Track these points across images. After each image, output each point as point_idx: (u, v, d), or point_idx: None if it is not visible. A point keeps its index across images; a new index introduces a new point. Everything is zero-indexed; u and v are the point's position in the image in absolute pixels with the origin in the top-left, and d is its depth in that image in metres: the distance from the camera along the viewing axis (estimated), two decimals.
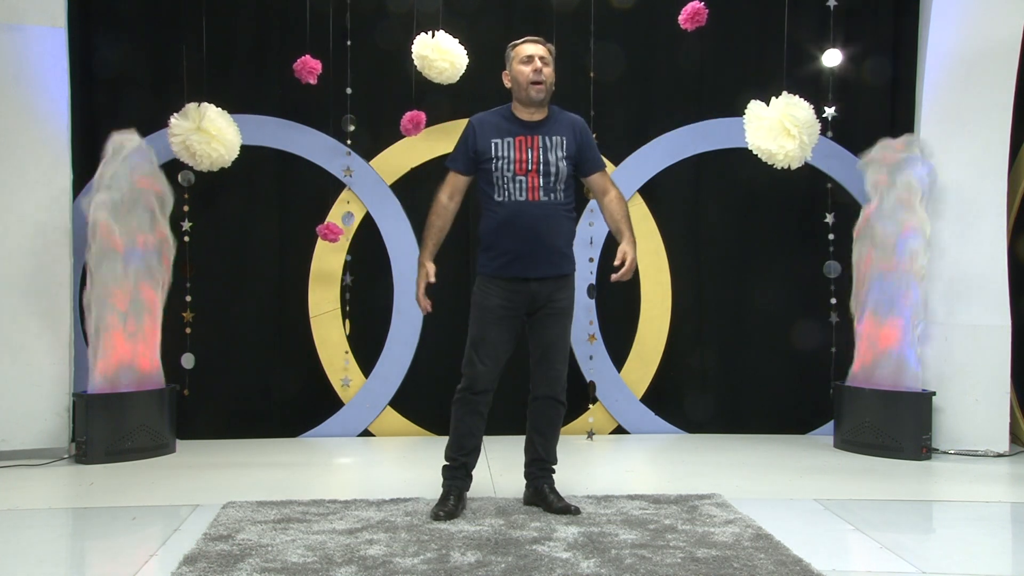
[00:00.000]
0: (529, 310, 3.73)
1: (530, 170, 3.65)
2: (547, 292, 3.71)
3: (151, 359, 5.02)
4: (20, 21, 4.86)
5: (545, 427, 3.81)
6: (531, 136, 3.68)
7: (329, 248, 5.51)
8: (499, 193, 3.65)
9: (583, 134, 3.79)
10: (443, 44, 4.96)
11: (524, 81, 3.67)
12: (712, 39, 5.60)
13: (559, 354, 3.76)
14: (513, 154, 3.65)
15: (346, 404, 5.58)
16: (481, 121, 3.75)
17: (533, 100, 3.68)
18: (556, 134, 3.71)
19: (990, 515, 3.92)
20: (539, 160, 3.65)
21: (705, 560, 3.12)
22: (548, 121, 3.74)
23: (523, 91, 3.68)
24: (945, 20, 5.17)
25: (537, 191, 3.65)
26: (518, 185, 3.64)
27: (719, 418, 5.78)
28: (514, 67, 3.72)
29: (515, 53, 3.74)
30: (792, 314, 5.73)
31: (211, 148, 5.07)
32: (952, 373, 5.11)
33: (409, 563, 3.08)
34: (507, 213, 3.65)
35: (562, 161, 3.68)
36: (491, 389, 3.73)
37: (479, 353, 3.68)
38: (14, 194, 4.88)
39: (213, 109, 5.14)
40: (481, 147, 3.69)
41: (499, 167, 3.65)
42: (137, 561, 3.19)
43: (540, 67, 3.67)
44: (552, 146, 3.68)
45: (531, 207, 3.64)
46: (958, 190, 5.15)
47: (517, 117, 3.73)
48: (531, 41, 3.75)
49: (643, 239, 5.70)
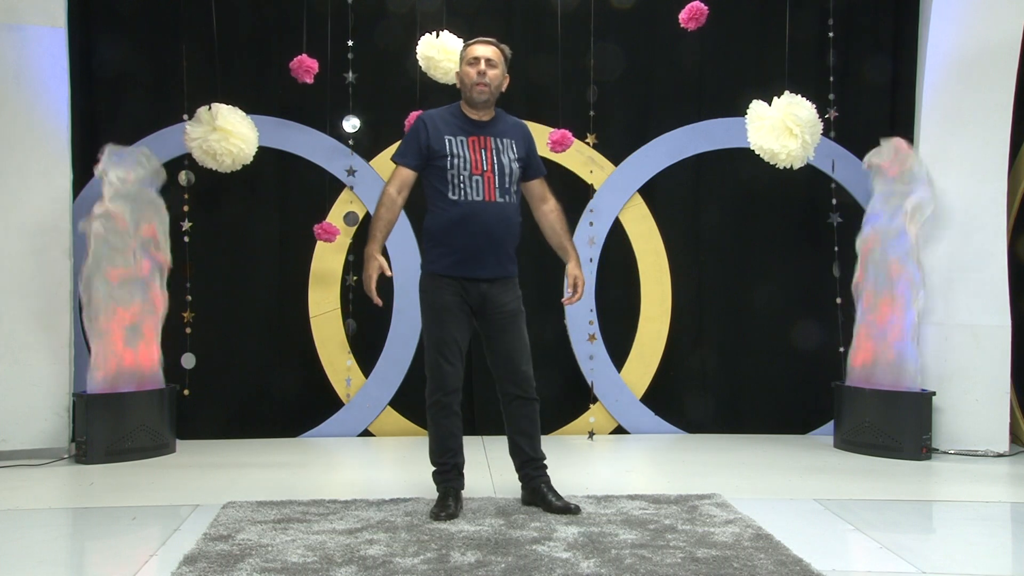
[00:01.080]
0: (476, 310, 3.75)
1: (486, 170, 3.69)
2: (495, 294, 3.74)
3: (151, 359, 5.01)
4: (20, 21, 4.86)
5: (527, 427, 3.82)
6: (483, 137, 3.73)
7: (329, 248, 5.52)
8: (454, 191, 3.67)
9: (528, 139, 3.86)
10: (448, 44, 4.96)
11: (469, 82, 3.73)
12: (712, 39, 5.60)
13: (522, 355, 3.79)
14: (468, 153, 3.69)
15: (346, 404, 5.58)
16: (432, 117, 3.78)
17: (475, 101, 3.73)
18: (506, 136, 3.77)
19: (990, 515, 3.92)
20: (493, 161, 3.70)
21: (705, 560, 3.12)
22: (496, 123, 3.80)
23: (468, 91, 3.74)
24: (945, 20, 5.17)
25: (493, 191, 3.68)
26: (475, 185, 3.67)
27: (719, 418, 5.78)
28: (462, 67, 3.79)
29: (465, 53, 3.81)
30: (792, 314, 5.73)
31: (231, 144, 5.05)
32: (952, 373, 5.11)
33: (409, 563, 3.08)
34: (462, 212, 3.67)
35: (514, 163, 3.74)
36: (460, 387, 3.76)
37: (445, 353, 3.70)
38: (14, 194, 4.88)
39: (225, 108, 5.14)
40: (435, 143, 3.71)
41: (455, 165, 3.67)
42: (137, 561, 3.19)
43: (484, 69, 3.72)
44: (504, 148, 3.74)
45: (487, 207, 3.67)
46: (958, 190, 5.15)
47: (467, 116, 3.77)
48: (481, 42, 3.80)
49: (643, 239, 5.75)
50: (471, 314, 3.77)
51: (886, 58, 5.71)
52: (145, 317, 4.97)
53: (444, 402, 3.72)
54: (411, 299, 5.51)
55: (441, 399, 3.72)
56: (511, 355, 3.77)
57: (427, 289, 3.78)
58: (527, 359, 3.81)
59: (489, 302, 3.74)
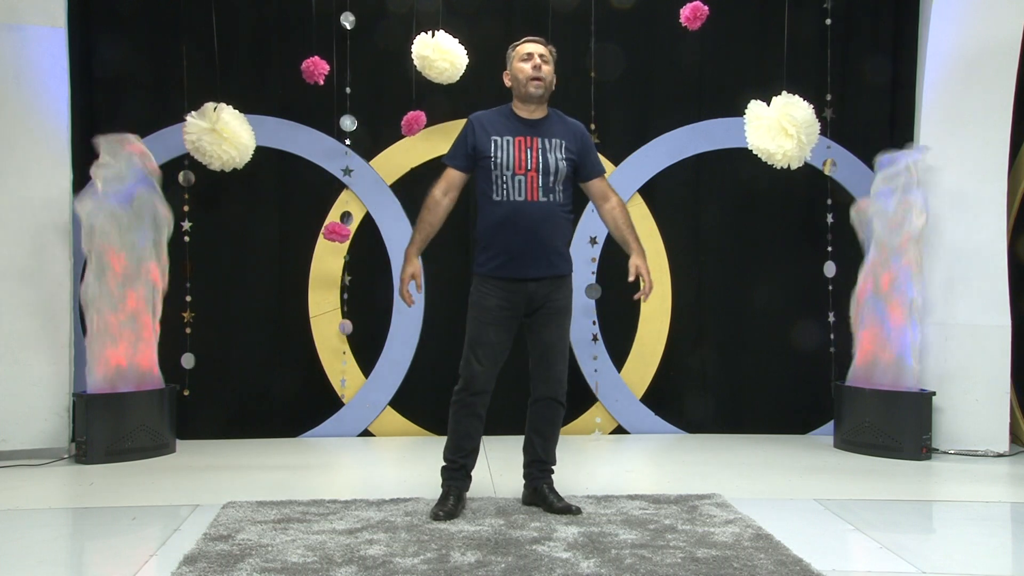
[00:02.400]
0: (527, 311, 3.73)
1: (529, 169, 3.65)
2: (544, 292, 3.70)
3: (151, 359, 5.01)
4: (20, 21, 4.86)
5: (545, 428, 3.81)
6: (531, 136, 3.69)
7: (329, 248, 5.52)
8: (497, 192, 3.65)
9: (583, 138, 3.81)
10: (443, 44, 4.96)
11: (523, 77, 3.69)
12: (712, 39, 5.60)
13: (559, 355, 3.76)
14: (512, 153, 3.66)
15: (346, 404, 5.58)
16: (480, 119, 3.75)
17: (531, 96, 3.69)
18: (556, 136, 3.72)
19: (990, 515, 3.92)
20: (539, 160, 3.66)
21: (705, 560, 3.12)
22: (548, 122, 3.75)
23: (522, 87, 3.70)
24: (945, 20, 5.17)
25: (536, 191, 3.65)
26: (517, 184, 3.64)
27: (719, 418, 5.78)
28: (514, 65, 3.75)
29: (515, 52, 3.77)
30: (792, 314, 5.73)
31: (222, 150, 5.06)
32: (952, 373, 5.11)
33: (409, 563, 3.08)
34: (505, 212, 3.64)
35: (562, 162, 3.69)
36: (489, 390, 3.72)
37: (477, 354, 3.68)
38: (14, 194, 4.88)
39: (229, 111, 5.13)
40: (480, 145, 3.69)
41: (498, 165, 3.65)
42: (137, 561, 3.19)
43: (539, 64, 3.70)
44: (552, 147, 3.69)
45: (530, 207, 3.64)
46: (958, 190, 5.15)
47: (517, 115, 3.74)
48: (531, 40, 3.79)
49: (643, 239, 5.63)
50: (518, 318, 3.73)
51: (886, 58, 5.71)
52: (145, 317, 4.96)
53: (469, 401, 3.70)
54: None
55: (466, 398, 3.70)
56: (547, 353, 3.74)
57: (474, 290, 3.75)
58: (564, 360, 3.78)
59: (536, 300, 3.70)
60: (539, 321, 3.73)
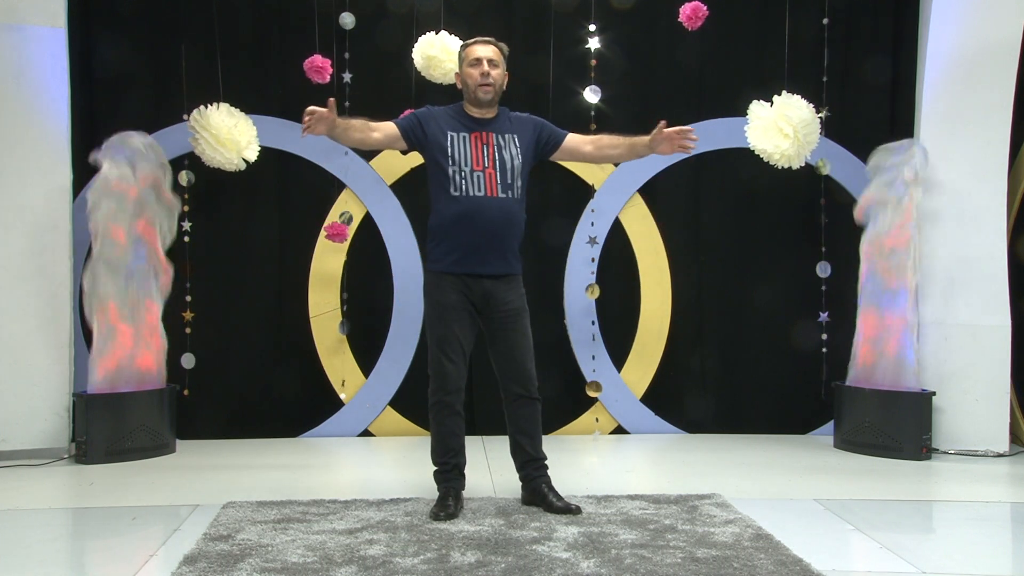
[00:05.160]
0: (480, 308, 3.75)
1: (487, 167, 3.69)
2: (499, 292, 3.73)
3: (151, 359, 5.01)
4: (20, 21, 4.86)
5: (528, 426, 3.82)
6: (485, 132, 3.74)
7: (329, 248, 5.52)
8: (455, 188, 3.68)
9: (531, 123, 3.86)
10: (450, 44, 4.96)
11: (472, 83, 3.74)
12: (712, 39, 5.60)
13: (525, 353, 3.79)
14: (470, 149, 3.70)
15: (346, 404, 5.58)
16: (434, 112, 3.80)
17: (481, 101, 3.74)
18: (509, 132, 3.77)
19: (990, 515, 3.92)
20: (495, 156, 3.70)
21: (705, 560, 3.12)
22: (499, 120, 3.80)
23: (471, 92, 3.75)
24: (945, 20, 5.17)
25: (495, 187, 3.68)
26: (476, 180, 3.67)
27: (719, 418, 5.78)
28: (464, 69, 3.80)
29: (465, 55, 3.82)
30: (792, 314, 5.73)
31: (217, 152, 5.07)
32: (952, 373, 5.11)
33: (409, 563, 3.08)
34: (464, 208, 3.67)
35: (517, 158, 3.74)
36: (463, 387, 3.76)
37: (447, 352, 3.70)
38: (14, 194, 4.88)
39: (223, 112, 5.13)
40: (432, 133, 3.71)
41: (456, 161, 3.68)
42: (137, 561, 3.19)
43: (488, 70, 3.73)
44: (505, 143, 3.74)
45: (489, 202, 3.67)
46: (958, 190, 5.15)
47: (468, 115, 3.78)
48: (481, 42, 3.82)
49: (643, 239, 5.74)
50: (475, 313, 3.76)
51: (886, 58, 5.71)
52: (145, 317, 4.96)
53: (446, 401, 3.72)
54: (411, 299, 5.55)
55: (443, 398, 3.72)
56: (514, 353, 3.77)
57: (430, 287, 3.78)
58: (530, 358, 3.80)
59: (492, 299, 3.73)
60: (501, 325, 3.76)
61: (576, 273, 5.67)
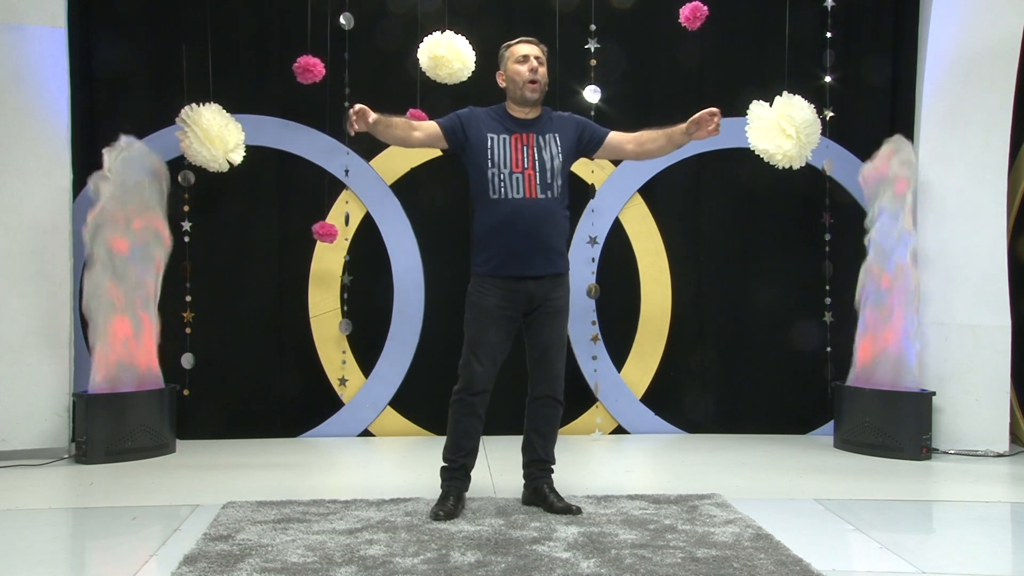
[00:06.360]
0: (526, 310, 3.73)
1: (526, 168, 3.65)
2: (544, 291, 3.71)
3: (151, 359, 5.01)
4: (20, 21, 4.86)
5: (545, 427, 3.81)
6: (526, 134, 3.70)
7: (329, 248, 5.51)
8: (495, 191, 3.65)
9: (574, 121, 3.81)
10: (457, 44, 4.95)
11: (520, 80, 3.69)
12: (712, 39, 5.60)
13: (558, 353, 3.77)
14: (509, 151, 3.67)
15: (346, 404, 5.58)
16: (477, 114, 3.76)
17: (528, 99, 3.70)
18: (549, 132, 3.73)
19: (990, 515, 3.92)
20: (535, 157, 3.67)
21: (705, 560, 3.12)
22: (541, 120, 3.76)
23: (519, 90, 3.70)
24: (945, 20, 5.17)
25: (534, 188, 3.65)
26: (515, 183, 3.65)
27: (719, 418, 5.78)
28: (509, 67, 3.74)
29: (510, 53, 3.77)
30: (792, 314, 5.73)
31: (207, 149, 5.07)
32: (952, 373, 5.11)
33: (409, 563, 3.08)
34: (504, 211, 3.64)
35: (557, 158, 3.70)
36: (488, 390, 3.73)
37: (477, 354, 3.68)
38: (14, 194, 4.88)
39: (214, 110, 5.13)
40: (473, 135, 3.69)
41: (495, 163, 3.65)
42: (137, 561, 3.19)
43: (536, 66, 3.70)
44: (546, 144, 3.70)
45: (528, 204, 3.64)
46: (958, 190, 5.15)
47: (511, 115, 3.74)
48: (525, 41, 3.78)
49: (643, 239, 5.74)
50: (517, 319, 3.73)
51: (886, 58, 5.71)
52: (145, 317, 4.96)
53: (468, 401, 3.70)
54: (411, 299, 5.56)
55: (466, 397, 3.71)
56: (547, 351, 3.74)
57: (473, 291, 3.74)
58: (563, 359, 3.79)
59: (535, 299, 3.70)
60: (539, 320, 3.74)
61: (576, 273, 5.64)
